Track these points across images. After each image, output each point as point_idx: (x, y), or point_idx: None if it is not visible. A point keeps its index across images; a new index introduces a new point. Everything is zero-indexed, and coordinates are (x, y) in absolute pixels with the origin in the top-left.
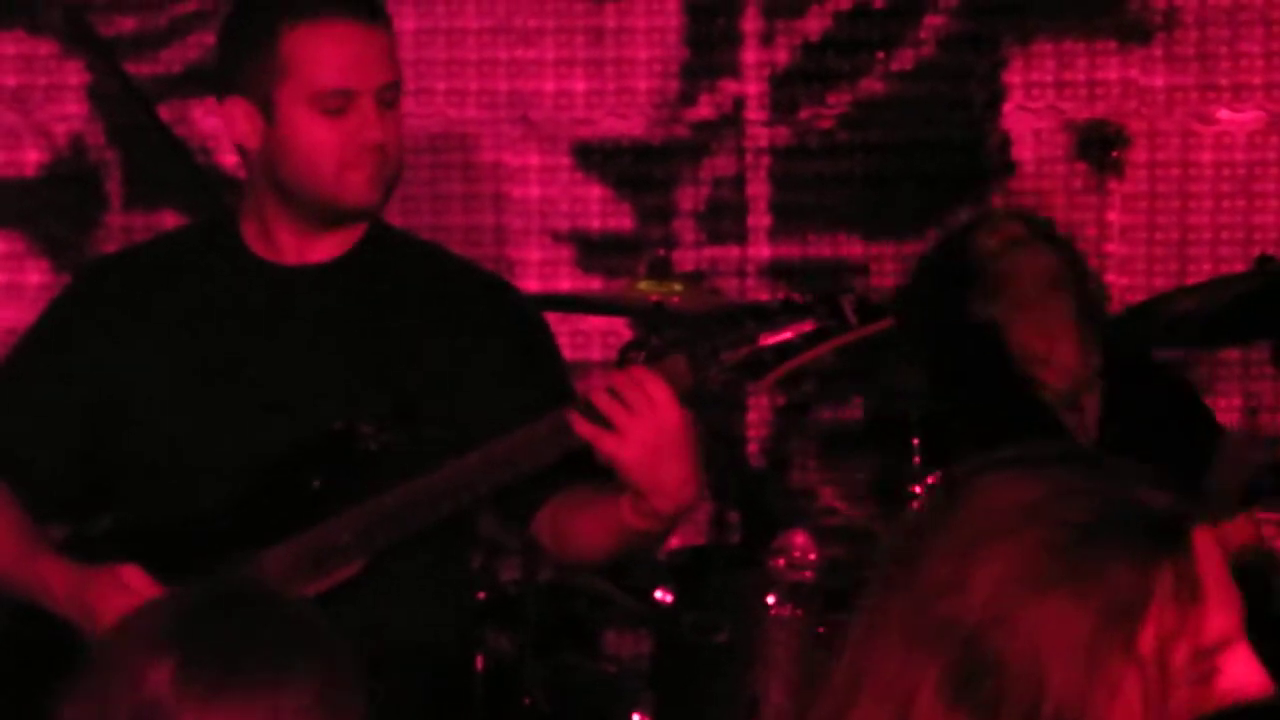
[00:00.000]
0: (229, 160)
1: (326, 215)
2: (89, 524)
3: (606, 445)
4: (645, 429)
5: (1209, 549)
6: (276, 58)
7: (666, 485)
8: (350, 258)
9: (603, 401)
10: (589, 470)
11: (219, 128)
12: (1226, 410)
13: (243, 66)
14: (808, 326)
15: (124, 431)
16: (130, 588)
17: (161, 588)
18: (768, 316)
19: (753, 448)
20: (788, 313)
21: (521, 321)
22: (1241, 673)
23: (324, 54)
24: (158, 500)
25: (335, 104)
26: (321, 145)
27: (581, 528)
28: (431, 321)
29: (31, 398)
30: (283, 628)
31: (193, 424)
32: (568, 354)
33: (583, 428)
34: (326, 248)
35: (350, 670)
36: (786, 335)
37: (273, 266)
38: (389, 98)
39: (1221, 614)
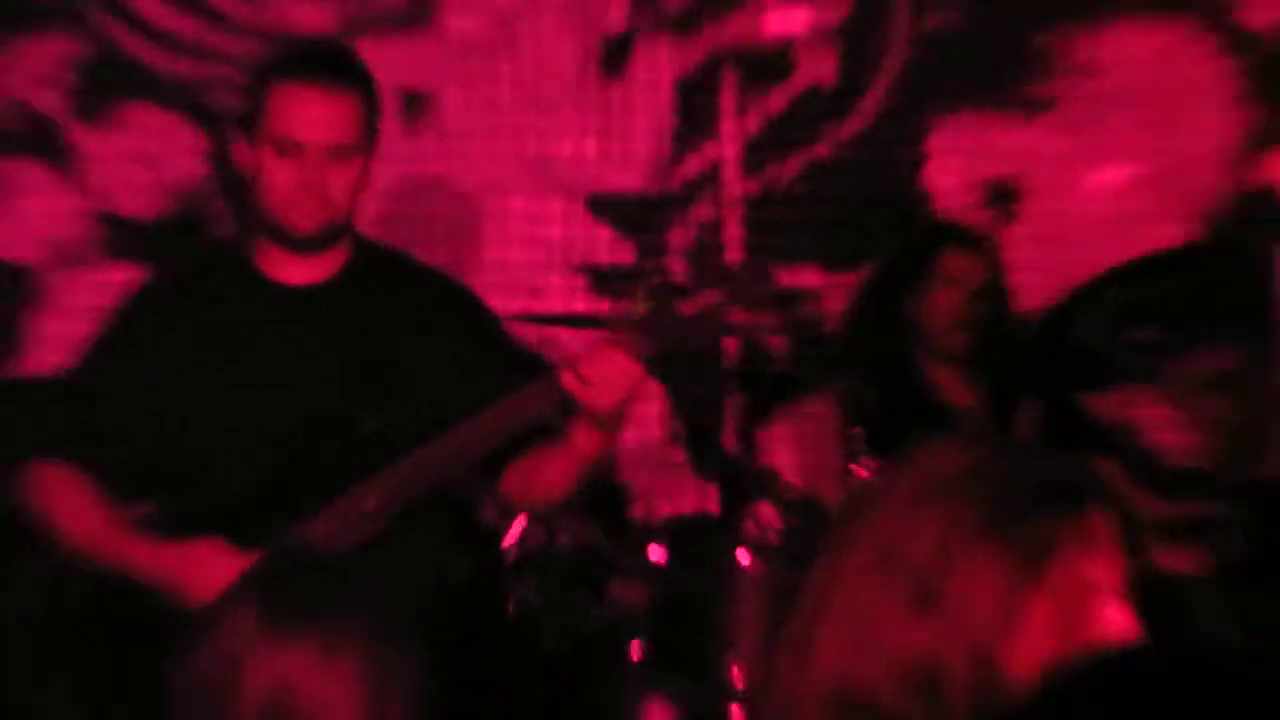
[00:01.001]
0: None
1: (281, 240)
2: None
3: (589, 398)
4: (610, 380)
5: (1101, 515)
6: (261, 106)
7: (616, 410)
8: (340, 277)
9: (582, 365)
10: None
11: None
12: None
13: (248, 112)
14: (719, 296)
15: (169, 427)
16: (219, 557)
17: (241, 557)
18: (687, 288)
19: (729, 438)
20: (702, 278)
21: (477, 315)
22: (1117, 618)
23: (288, 108)
24: (199, 483)
25: (289, 149)
26: (274, 181)
27: (543, 473)
28: (409, 322)
29: (99, 403)
30: (338, 581)
31: (222, 419)
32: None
33: (571, 383)
34: (317, 269)
35: (393, 614)
36: (708, 303)
37: (279, 285)
38: (340, 154)
39: (1109, 566)
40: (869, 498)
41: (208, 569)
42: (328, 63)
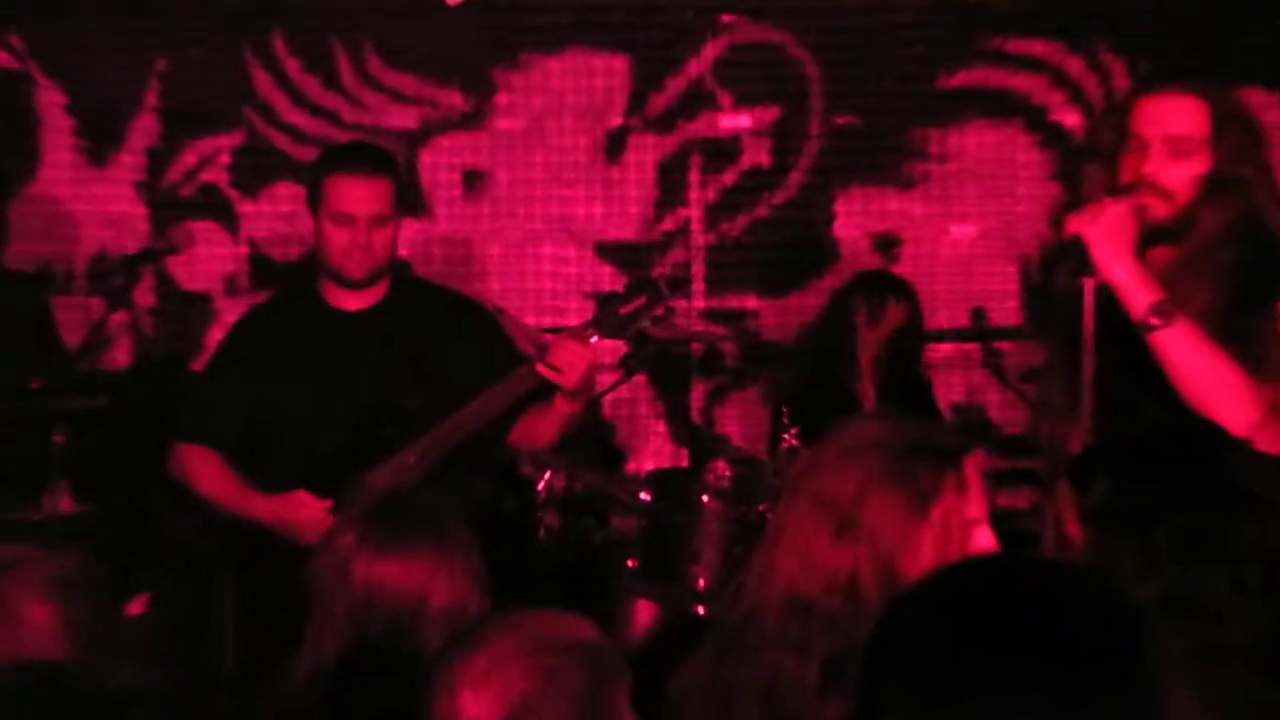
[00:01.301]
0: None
1: (340, 282)
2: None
3: (555, 377)
4: (571, 363)
5: (973, 469)
6: (320, 191)
7: (581, 391)
8: (383, 303)
9: (549, 354)
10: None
11: None
12: (947, 389)
13: (309, 196)
14: (642, 300)
15: (268, 415)
16: (305, 504)
17: (322, 501)
18: (623, 296)
19: (695, 414)
20: (631, 290)
21: (491, 326)
22: (984, 539)
23: (339, 192)
24: (290, 452)
25: (341, 220)
26: (334, 243)
27: (536, 428)
28: (431, 330)
29: (218, 401)
30: (418, 512)
31: (305, 406)
32: None
33: (542, 369)
34: (366, 298)
35: (462, 534)
36: (634, 305)
37: (338, 311)
38: (379, 221)
39: (977, 504)
40: (808, 460)
41: (299, 511)
42: (366, 157)
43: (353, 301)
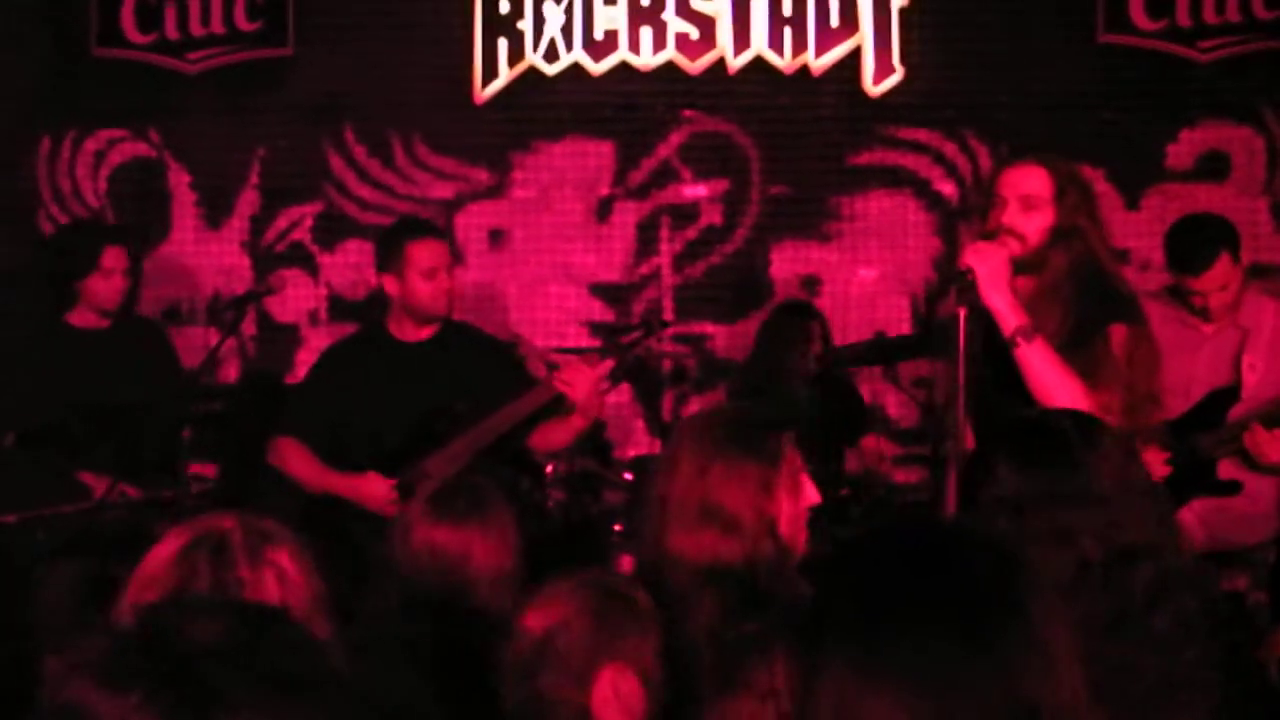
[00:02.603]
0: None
1: (423, 319)
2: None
3: (567, 390)
4: (580, 381)
5: (790, 433)
6: (404, 255)
7: (591, 407)
8: (437, 337)
9: (562, 372)
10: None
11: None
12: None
13: (389, 260)
14: (638, 334)
15: (347, 419)
16: (374, 480)
17: (388, 480)
18: (625, 330)
19: (666, 414)
20: (631, 327)
21: (510, 357)
22: (810, 486)
23: (422, 253)
24: (365, 446)
25: (429, 274)
26: (424, 292)
27: (552, 434)
28: (473, 361)
29: (311, 407)
30: (468, 492)
31: (375, 412)
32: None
33: (558, 384)
34: (423, 333)
35: (503, 510)
36: (633, 337)
37: (401, 342)
38: (450, 270)
39: (800, 456)
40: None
41: (370, 486)
42: (430, 227)
43: (413, 335)
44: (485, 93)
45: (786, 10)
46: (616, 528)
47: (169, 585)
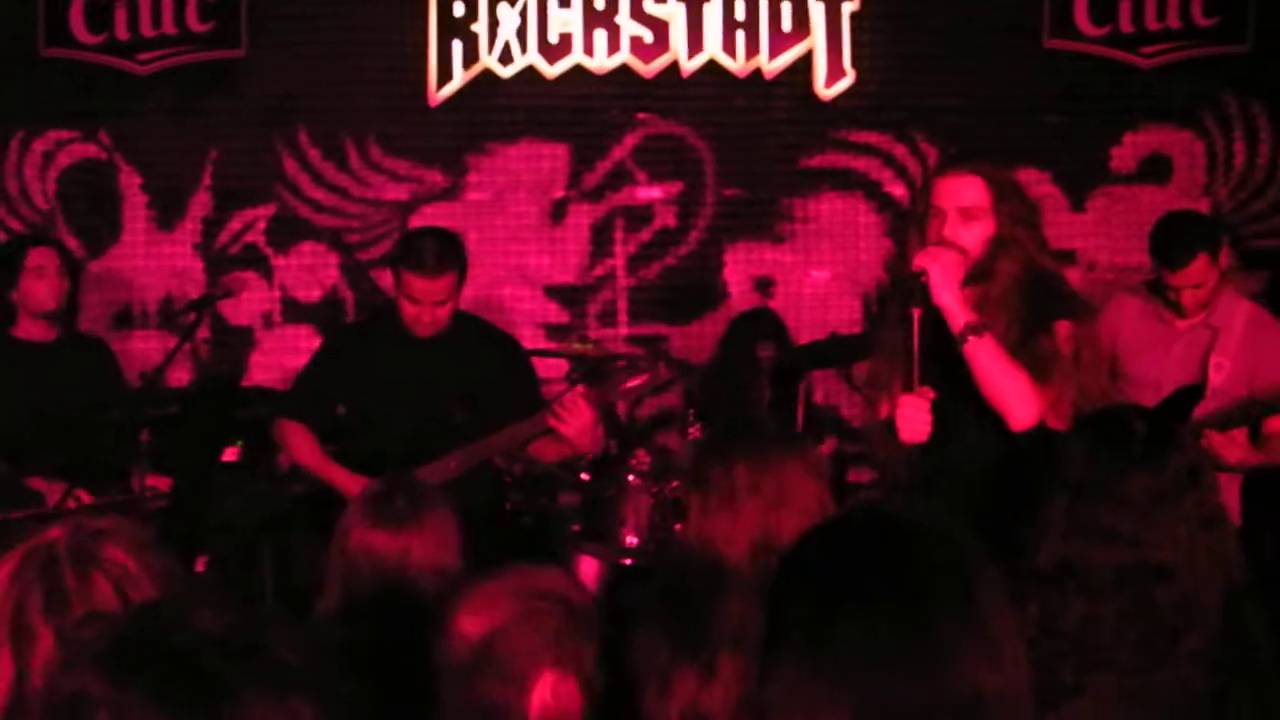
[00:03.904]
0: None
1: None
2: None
3: (560, 427)
4: (575, 422)
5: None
6: (399, 278)
7: (583, 443)
8: (445, 333)
9: (560, 408)
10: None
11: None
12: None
13: (395, 273)
14: (645, 378)
15: (351, 404)
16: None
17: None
18: (628, 368)
19: (622, 412)
20: (637, 368)
21: (522, 360)
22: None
23: (410, 284)
24: (365, 443)
25: (411, 301)
26: (406, 312)
27: (547, 449)
28: (482, 362)
29: (315, 391)
30: (413, 497)
31: (381, 408)
32: (541, 373)
33: (551, 420)
34: (432, 331)
35: (441, 512)
36: (636, 381)
37: (413, 336)
38: (442, 302)
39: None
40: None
41: (355, 485)
42: (432, 260)
43: (423, 331)
44: (440, 95)
45: (739, 14)
46: (574, 528)
47: (7, 609)
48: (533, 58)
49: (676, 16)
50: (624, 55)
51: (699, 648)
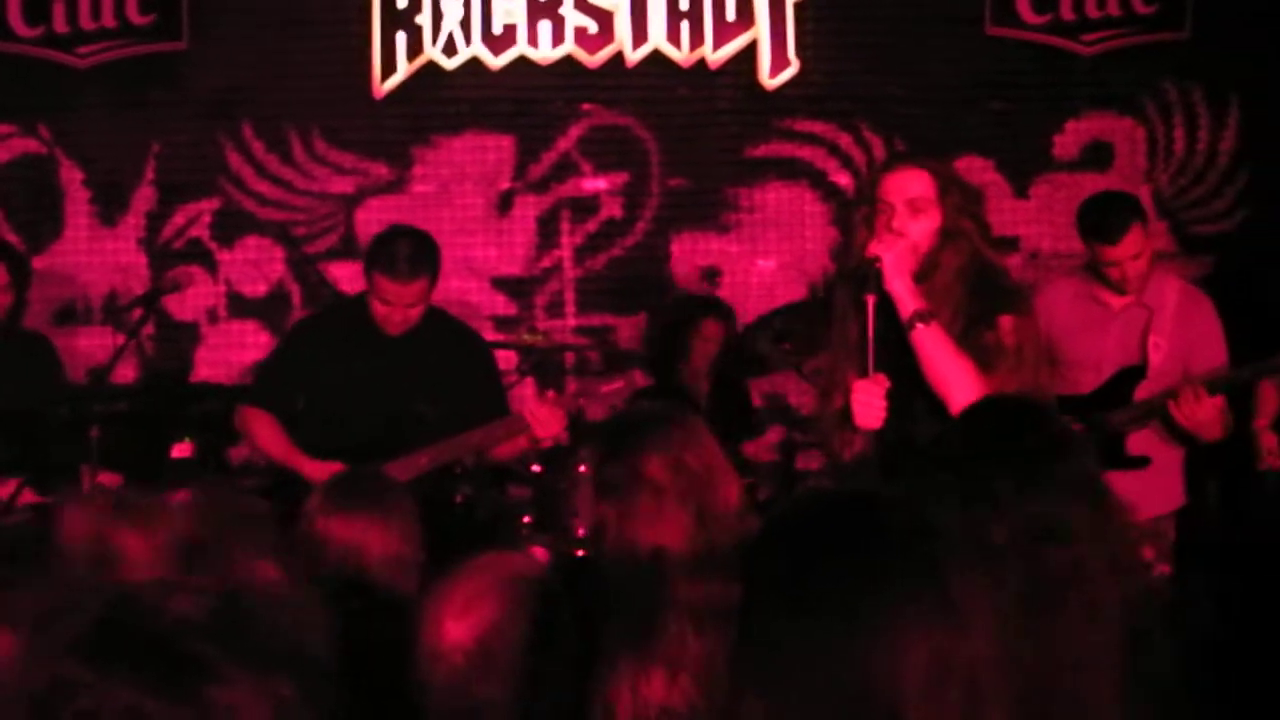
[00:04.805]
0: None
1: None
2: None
3: (536, 430)
4: (549, 428)
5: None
6: (372, 280)
7: (548, 440)
8: (413, 330)
9: (533, 414)
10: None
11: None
12: (758, 382)
13: (367, 274)
14: (621, 384)
15: (315, 397)
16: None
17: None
18: (604, 378)
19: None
20: (612, 374)
21: (487, 355)
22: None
23: (382, 288)
24: (329, 435)
25: (384, 302)
26: (377, 312)
27: (504, 452)
28: (449, 357)
29: (281, 380)
30: (375, 486)
31: (346, 402)
32: None
33: (526, 421)
34: (403, 330)
35: (401, 503)
36: (612, 387)
37: (381, 333)
38: (413, 304)
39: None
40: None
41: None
42: (404, 265)
43: (396, 329)
44: (384, 87)
45: (683, 4)
46: (525, 520)
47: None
48: (477, 49)
49: (621, 7)
50: (568, 46)
51: (653, 641)
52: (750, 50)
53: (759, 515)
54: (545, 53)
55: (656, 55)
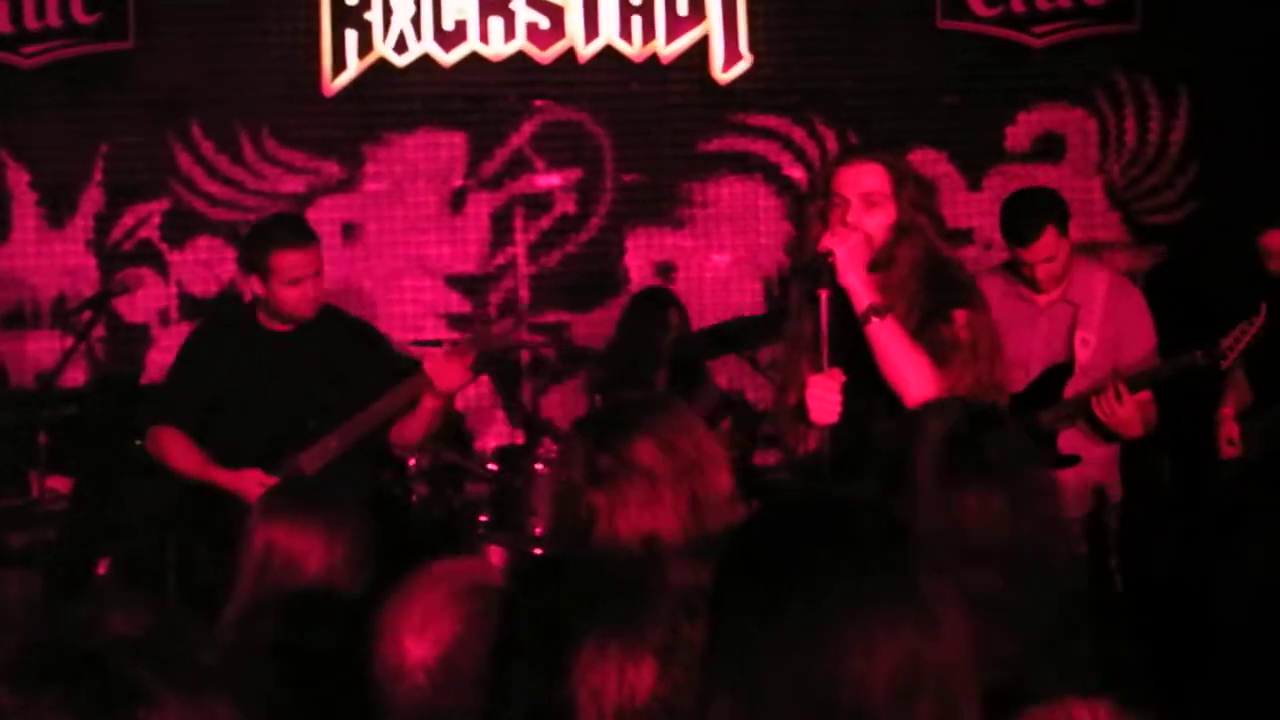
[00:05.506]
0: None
1: (289, 321)
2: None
3: (436, 381)
4: (449, 376)
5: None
6: (269, 264)
7: (449, 385)
8: (304, 327)
9: (427, 364)
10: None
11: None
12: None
13: (254, 264)
14: (508, 323)
15: (218, 407)
16: (257, 478)
17: (270, 478)
18: (493, 319)
19: (528, 405)
20: (500, 315)
21: (381, 338)
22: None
23: (288, 263)
24: (234, 438)
25: (294, 283)
26: (288, 297)
27: (407, 426)
28: (343, 350)
29: (183, 397)
30: (323, 493)
31: (245, 403)
32: None
33: (424, 379)
34: (291, 323)
35: (350, 513)
36: (503, 326)
37: (270, 331)
38: (316, 275)
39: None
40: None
41: (250, 483)
42: (301, 231)
43: (282, 325)
44: (335, 85)
45: None
46: (482, 519)
47: None
48: (428, 46)
49: (572, 2)
50: (520, 42)
51: (643, 628)
52: (703, 45)
53: None
54: (497, 49)
55: (609, 50)
